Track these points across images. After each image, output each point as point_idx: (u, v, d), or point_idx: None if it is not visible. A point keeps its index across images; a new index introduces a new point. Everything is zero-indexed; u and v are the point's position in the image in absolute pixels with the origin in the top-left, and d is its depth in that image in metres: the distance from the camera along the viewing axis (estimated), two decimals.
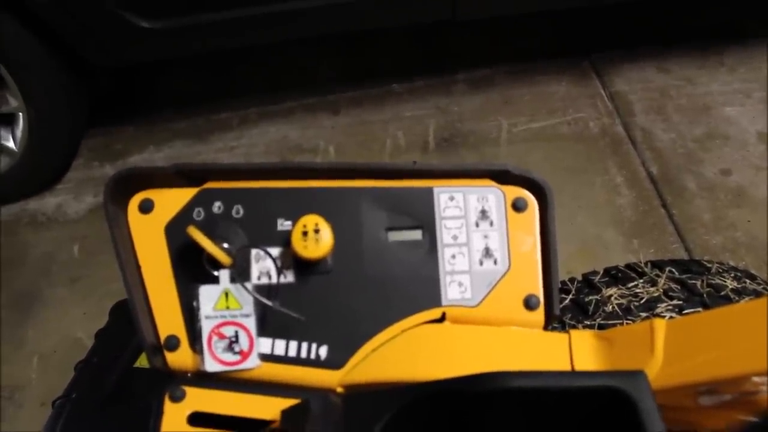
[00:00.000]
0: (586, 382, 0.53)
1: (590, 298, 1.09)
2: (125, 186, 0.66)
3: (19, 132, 2.38)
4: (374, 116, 2.72)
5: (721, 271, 1.12)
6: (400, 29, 2.94)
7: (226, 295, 0.64)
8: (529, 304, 0.66)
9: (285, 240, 0.65)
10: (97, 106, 2.76)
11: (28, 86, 2.29)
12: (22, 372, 2.11)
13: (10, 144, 2.40)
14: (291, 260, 0.65)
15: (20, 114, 2.34)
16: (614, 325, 1.01)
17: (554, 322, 0.67)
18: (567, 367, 0.62)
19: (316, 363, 0.65)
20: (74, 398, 1.06)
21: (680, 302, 1.03)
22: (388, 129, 2.65)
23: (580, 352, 0.63)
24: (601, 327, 1.02)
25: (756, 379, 0.51)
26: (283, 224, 0.66)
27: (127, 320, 0.65)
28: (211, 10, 2.22)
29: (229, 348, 0.64)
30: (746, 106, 2.56)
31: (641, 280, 1.10)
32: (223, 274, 0.64)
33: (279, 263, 0.65)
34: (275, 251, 0.65)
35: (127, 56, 2.44)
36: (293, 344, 0.65)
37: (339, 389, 0.65)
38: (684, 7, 2.94)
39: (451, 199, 0.67)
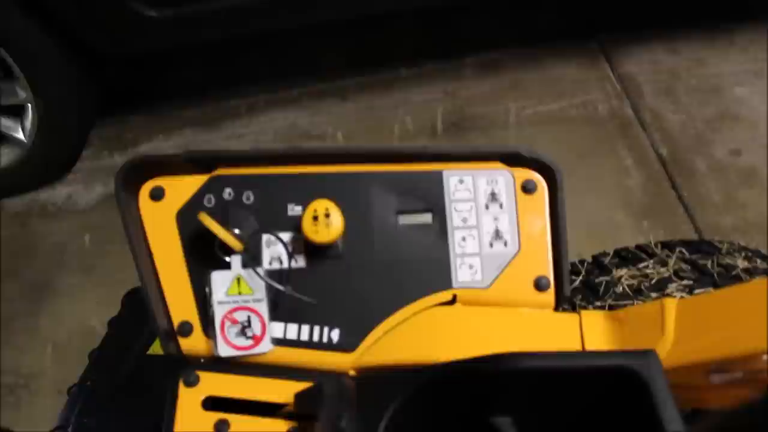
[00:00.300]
0: (597, 362, 0.54)
1: (600, 279, 1.08)
2: (136, 174, 0.66)
3: (28, 123, 2.38)
4: (382, 101, 2.71)
5: (731, 251, 1.12)
6: (407, 13, 2.92)
7: (238, 280, 0.64)
8: (540, 285, 0.66)
9: (296, 225, 0.65)
10: (105, 96, 2.76)
11: (37, 77, 2.29)
12: (36, 361, 2.12)
13: (20, 135, 2.41)
14: (302, 245, 0.66)
15: (29, 105, 2.34)
16: (625, 305, 1.01)
17: (564, 303, 0.67)
18: (578, 348, 0.63)
19: (329, 346, 0.65)
20: (89, 386, 1.07)
21: (691, 282, 1.03)
22: (396, 114, 2.64)
23: (590, 332, 0.63)
24: (611, 308, 1.02)
25: (766, 357, 0.51)
26: (294, 209, 0.66)
27: (140, 308, 0.66)
28: None
29: (242, 333, 0.64)
30: (757, 85, 2.54)
31: (651, 261, 1.10)
32: (235, 260, 0.64)
33: (290, 248, 0.66)
34: (286, 236, 0.66)
35: (134, 45, 2.44)
36: (305, 328, 0.65)
37: (351, 372, 0.65)
38: None
39: (461, 182, 0.67)
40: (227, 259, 0.64)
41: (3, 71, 2.26)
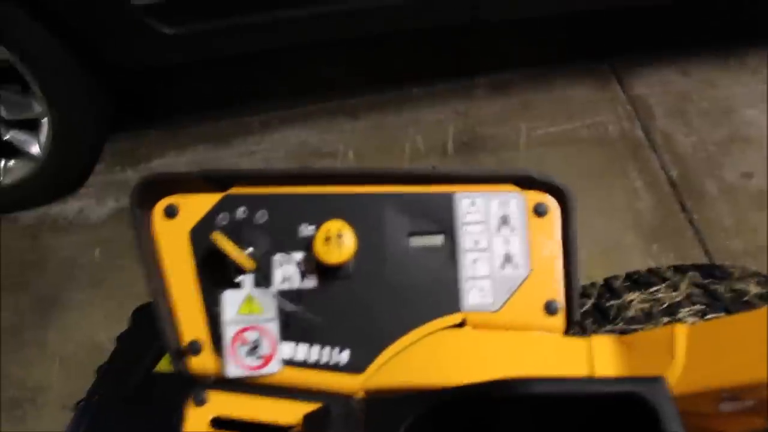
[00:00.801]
0: (606, 388, 0.53)
1: (611, 302, 1.08)
2: (151, 191, 0.67)
3: (43, 137, 2.40)
4: (393, 120, 2.72)
5: (743, 276, 1.11)
6: (419, 33, 2.94)
7: (249, 300, 0.64)
8: (550, 309, 0.66)
9: (308, 245, 0.65)
10: (120, 111, 2.78)
11: (53, 91, 2.31)
12: (44, 375, 2.13)
13: (35, 149, 2.43)
14: (314, 265, 0.66)
15: (44, 119, 2.36)
16: (635, 330, 1.01)
17: (574, 327, 0.67)
18: (587, 373, 0.62)
19: (338, 368, 0.65)
20: (96, 401, 1.07)
21: (703, 307, 1.02)
22: (407, 133, 2.65)
23: (600, 357, 0.63)
24: (622, 332, 1.01)
25: None
26: (306, 229, 0.67)
27: (149, 324, 0.66)
28: (233, 15, 2.23)
29: (252, 352, 0.64)
30: None
31: (663, 285, 1.09)
32: (247, 279, 0.64)
33: (302, 268, 0.66)
34: (298, 256, 0.66)
35: (149, 61, 2.46)
36: (315, 349, 0.65)
37: (360, 394, 0.65)
38: (705, 8, 2.92)
39: (473, 204, 0.67)
40: (239, 278, 0.64)
41: (20, 85, 2.29)
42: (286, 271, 0.66)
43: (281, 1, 2.21)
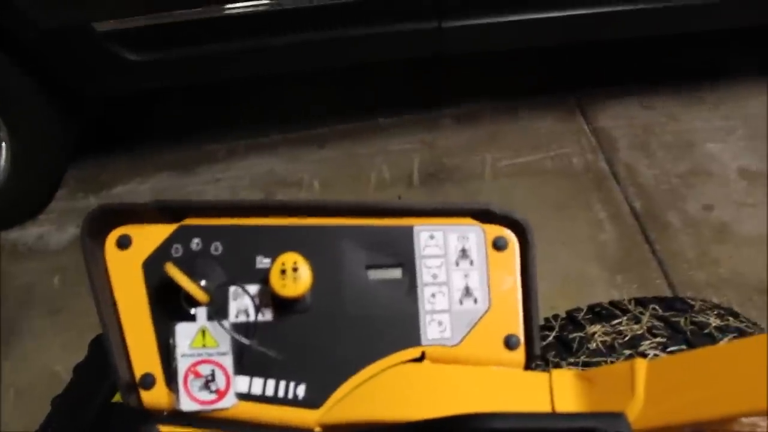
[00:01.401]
0: (566, 424, 0.53)
1: (574, 335, 1.08)
2: (103, 222, 0.65)
3: (2, 161, 2.37)
4: (360, 150, 2.73)
5: (704, 308, 1.12)
6: (387, 63, 2.96)
7: (203, 332, 0.63)
8: (510, 343, 0.65)
9: (263, 278, 0.64)
10: (83, 137, 2.76)
11: (13, 116, 2.29)
12: None
13: None
14: (269, 298, 0.65)
15: (3, 144, 2.33)
16: (598, 362, 1.01)
17: (535, 361, 0.66)
18: (548, 408, 0.62)
19: (294, 402, 0.64)
20: None
21: (664, 340, 1.03)
22: (373, 163, 2.66)
23: (560, 392, 0.62)
24: (585, 364, 1.01)
25: (744, 420, 0.51)
26: (262, 262, 0.66)
27: (106, 355, 0.64)
28: (199, 43, 2.23)
29: (206, 387, 0.63)
30: (728, 142, 2.59)
31: (625, 318, 1.10)
32: (200, 312, 0.63)
33: (257, 301, 0.64)
34: (253, 289, 0.65)
35: (114, 88, 2.45)
36: (271, 383, 0.64)
37: (317, 429, 0.64)
38: (667, 45, 2.98)
39: (432, 237, 0.67)
40: (192, 311, 0.63)
41: None
42: (241, 304, 0.65)
43: (246, 31, 2.21)
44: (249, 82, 2.98)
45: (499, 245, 0.67)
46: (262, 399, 0.64)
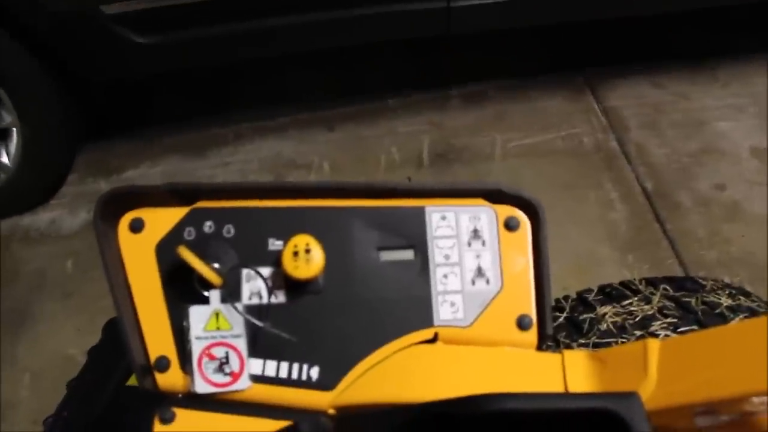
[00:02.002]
0: (579, 404, 0.53)
1: (585, 316, 1.08)
2: (115, 205, 0.66)
3: (13, 147, 2.37)
4: (369, 132, 2.72)
5: (715, 288, 1.12)
6: (394, 44, 2.94)
7: (217, 315, 0.63)
8: (522, 324, 0.65)
9: (276, 260, 0.64)
10: (92, 121, 2.76)
11: (23, 102, 2.29)
12: (13, 389, 2.09)
13: (4, 159, 2.40)
14: (282, 280, 0.65)
15: (14, 129, 2.34)
16: (609, 343, 1.01)
17: (547, 341, 0.66)
18: (560, 388, 0.62)
19: (307, 384, 0.64)
20: (65, 417, 1.05)
21: (675, 320, 1.03)
22: (382, 144, 2.65)
23: (573, 372, 0.63)
24: (595, 345, 1.01)
25: (755, 399, 0.51)
26: (274, 244, 0.66)
27: (120, 338, 0.65)
28: (205, 25, 2.22)
29: (220, 369, 0.63)
30: (739, 120, 2.57)
31: (636, 298, 1.10)
32: (214, 295, 0.63)
33: (270, 283, 0.65)
34: (266, 271, 0.65)
35: (122, 71, 2.44)
36: (284, 365, 0.64)
37: (330, 411, 0.64)
38: (677, 23, 2.96)
39: (443, 218, 0.67)
40: (206, 293, 0.63)
41: None
42: (254, 286, 0.65)
43: (255, 12, 2.20)
44: (255, 65, 2.97)
45: (510, 225, 0.67)
46: (275, 381, 0.64)
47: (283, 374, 0.64)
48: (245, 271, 0.65)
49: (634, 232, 2.23)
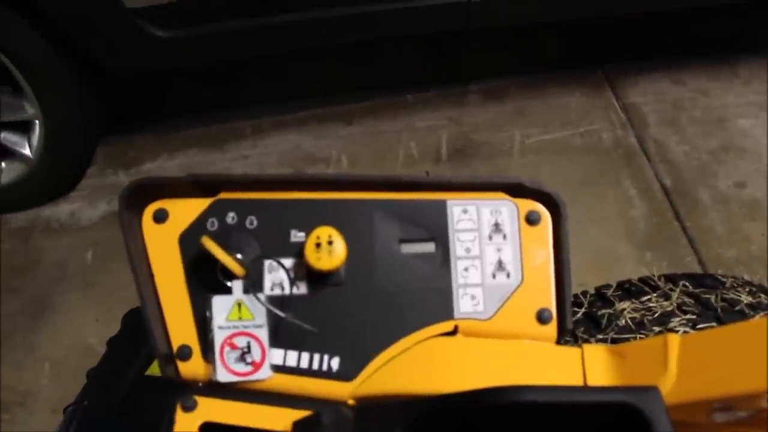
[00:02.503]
0: (599, 398, 0.53)
1: (603, 311, 1.08)
2: (140, 196, 0.66)
3: (35, 139, 2.39)
4: (387, 126, 2.72)
5: (735, 285, 1.11)
6: (413, 39, 2.94)
7: (239, 305, 0.64)
8: (542, 317, 0.65)
9: (298, 251, 0.65)
10: (112, 114, 2.78)
11: (45, 94, 2.30)
12: (33, 378, 2.11)
13: (26, 151, 2.42)
14: (304, 272, 0.65)
15: (36, 121, 2.35)
16: (627, 339, 1.01)
17: (567, 336, 0.66)
18: (580, 382, 0.62)
19: (328, 375, 0.64)
20: (85, 406, 1.06)
21: (694, 317, 1.03)
22: (401, 139, 2.65)
23: (592, 366, 0.63)
24: (613, 341, 1.01)
25: None
26: (297, 235, 0.66)
27: (140, 328, 0.65)
28: (226, 20, 2.23)
29: (242, 358, 0.64)
30: (760, 118, 2.55)
31: (654, 294, 1.09)
32: (236, 285, 0.64)
33: (292, 274, 0.65)
34: (288, 262, 0.65)
35: (142, 64, 2.45)
36: (305, 356, 0.65)
37: (351, 401, 0.65)
38: (698, 18, 2.93)
39: (465, 211, 0.67)
40: (228, 283, 0.64)
41: (11, 87, 2.28)
42: (276, 277, 0.65)
43: (276, 7, 2.21)
44: (275, 59, 2.98)
45: (531, 219, 0.67)
46: (296, 371, 0.65)
47: (304, 364, 0.65)
48: (267, 262, 0.66)
49: (652, 230, 2.22)
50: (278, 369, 0.65)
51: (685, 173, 2.38)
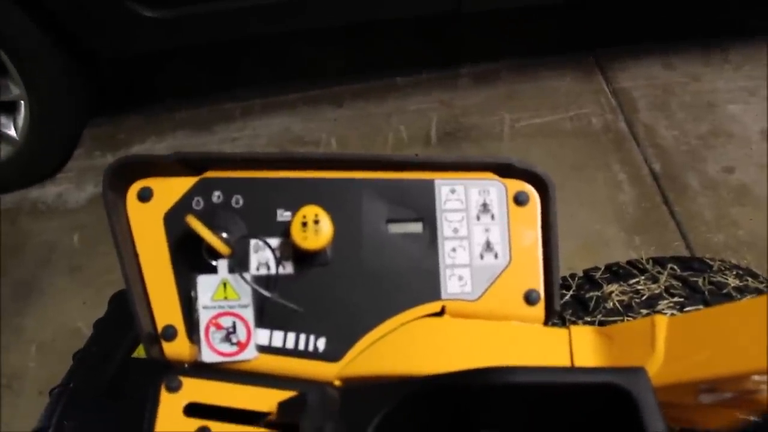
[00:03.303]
0: (586, 379, 0.53)
1: (591, 294, 1.08)
2: (124, 174, 0.65)
3: (20, 120, 2.37)
4: (377, 109, 2.71)
5: (723, 269, 1.12)
6: (404, 22, 2.93)
7: (225, 285, 0.63)
8: (530, 299, 0.65)
9: (284, 231, 0.64)
10: (100, 95, 2.76)
11: (31, 75, 2.28)
12: (20, 360, 2.11)
13: (12, 132, 2.40)
14: (290, 251, 0.65)
15: (22, 102, 2.33)
16: (615, 321, 1.01)
17: (554, 317, 0.66)
18: (567, 363, 0.62)
19: (314, 355, 0.64)
20: (72, 388, 1.06)
21: (681, 300, 1.03)
22: (391, 122, 2.64)
23: (580, 348, 0.63)
24: (601, 323, 1.01)
25: (756, 377, 0.51)
26: (283, 215, 0.66)
27: (127, 310, 0.65)
28: (216, 0, 2.21)
29: (227, 339, 0.63)
30: (750, 104, 2.55)
31: (642, 277, 1.09)
32: (222, 264, 0.63)
33: (278, 254, 0.65)
34: (274, 242, 0.65)
35: (130, 46, 2.43)
36: (291, 336, 0.64)
37: (337, 382, 0.64)
38: (689, 3, 2.93)
39: (453, 191, 0.67)
40: (214, 263, 0.63)
41: None
42: (262, 256, 0.65)
43: None
44: (265, 40, 2.96)
45: (520, 200, 0.66)
46: (282, 351, 0.64)
47: (290, 345, 0.64)
48: (253, 242, 0.65)
49: (641, 214, 2.22)
50: (264, 349, 0.64)
51: (674, 158, 2.39)
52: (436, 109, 2.68)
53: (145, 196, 0.66)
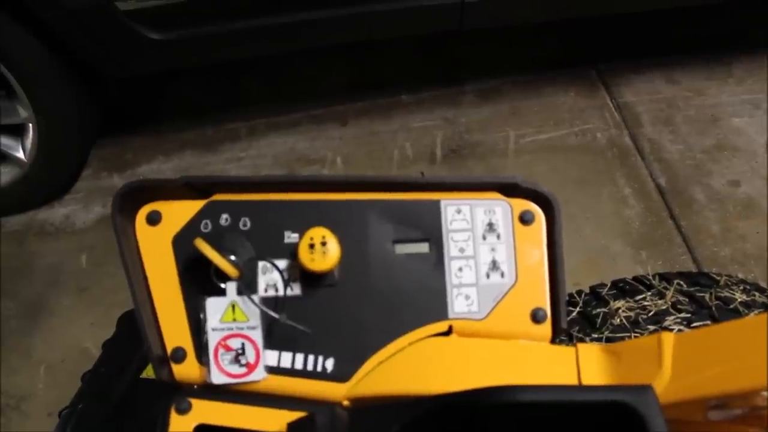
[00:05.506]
0: (593, 397, 0.53)
1: (598, 310, 1.08)
2: (133, 198, 0.66)
3: (29, 142, 2.39)
4: (382, 127, 2.72)
5: (729, 283, 1.11)
6: (407, 40, 2.94)
7: (233, 307, 0.64)
8: (536, 317, 0.65)
9: (292, 252, 0.65)
10: (106, 116, 2.77)
11: (39, 97, 2.30)
12: (28, 381, 2.11)
13: (20, 154, 2.41)
14: (298, 273, 0.65)
15: (30, 124, 2.35)
16: (622, 338, 1.01)
17: (561, 335, 0.66)
18: (574, 381, 0.62)
19: (323, 376, 0.64)
20: (81, 409, 1.06)
21: (689, 315, 1.03)
22: (395, 140, 2.65)
23: (587, 365, 0.63)
24: (608, 340, 1.01)
25: (765, 393, 0.51)
26: (290, 237, 0.66)
27: (135, 331, 0.65)
28: (220, 22, 2.23)
29: (236, 360, 0.64)
30: (755, 117, 2.56)
31: (649, 293, 1.09)
32: (230, 287, 0.64)
33: (286, 275, 0.65)
34: (282, 263, 0.65)
35: (136, 67, 2.44)
36: (299, 357, 0.65)
37: (345, 402, 0.65)
38: (692, 17, 2.94)
39: (458, 211, 0.67)
40: (222, 285, 0.64)
41: (5, 90, 2.27)
42: (270, 278, 0.65)
43: (269, 8, 2.20)
44: (269, 60, 2.98)
45: (525, 219, 0.67)
46: (291, 372, 0.65)
47: (299, 366, 0.65)
48: (261, 264, 0.66)
49: (647, 229, 2.22)
50: (273, 370, 0.65)
51: (680, 172, 2.39)
52: (440, 127, 2.69)
53: (153, 219, 0.67)
